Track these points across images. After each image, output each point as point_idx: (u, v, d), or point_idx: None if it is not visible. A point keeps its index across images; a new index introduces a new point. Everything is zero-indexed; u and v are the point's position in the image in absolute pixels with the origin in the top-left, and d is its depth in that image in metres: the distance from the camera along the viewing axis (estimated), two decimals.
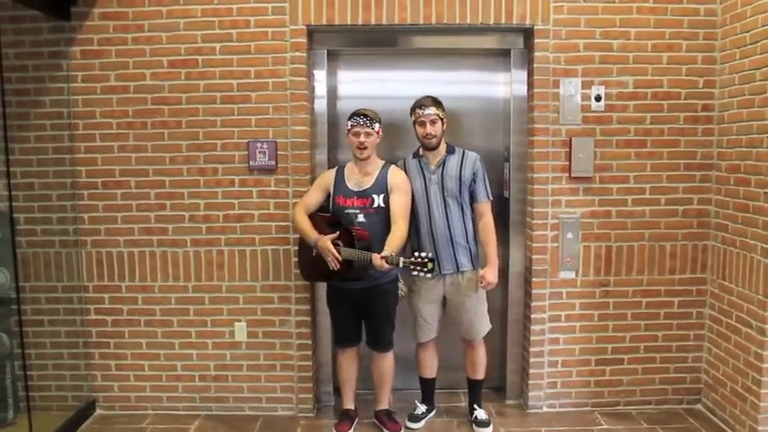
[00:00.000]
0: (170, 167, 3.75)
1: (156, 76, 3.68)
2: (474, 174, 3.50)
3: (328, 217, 3.45)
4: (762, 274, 3.27)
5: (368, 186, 3.41)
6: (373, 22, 3.63)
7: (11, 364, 3.59)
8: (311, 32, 3.74)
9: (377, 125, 3.40)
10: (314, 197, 3.50)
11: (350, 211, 3.39)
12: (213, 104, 3.70)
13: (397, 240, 3.26)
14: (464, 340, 3.68)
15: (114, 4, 3.64)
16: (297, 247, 3.66)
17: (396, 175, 3.44)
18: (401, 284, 3.58)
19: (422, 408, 3.79)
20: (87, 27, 3.66)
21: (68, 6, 3.62)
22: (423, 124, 3.44)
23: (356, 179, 3.44)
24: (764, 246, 3.25)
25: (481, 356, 3.69)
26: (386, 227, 3.35)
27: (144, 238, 3.79)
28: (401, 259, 3.16)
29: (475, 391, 3.77)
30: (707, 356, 3.85)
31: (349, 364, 3.68)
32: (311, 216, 3.45)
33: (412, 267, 3.17)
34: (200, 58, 3.67)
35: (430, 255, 3.19)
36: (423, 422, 3.75)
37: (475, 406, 3.74)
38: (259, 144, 3.70)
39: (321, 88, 3.87)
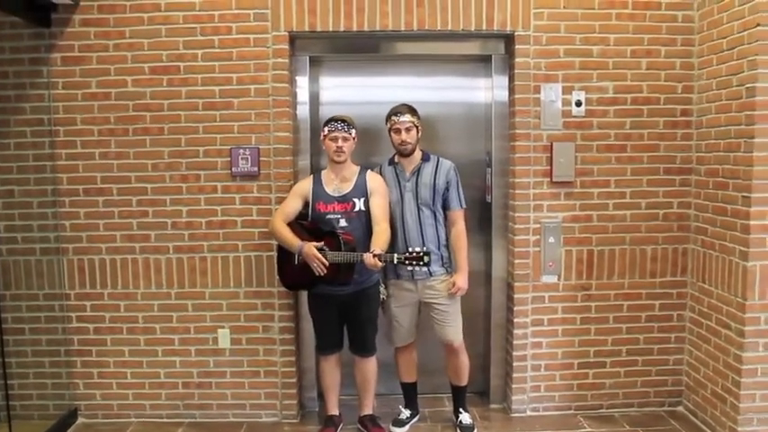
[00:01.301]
0: (152, 174, 3.73)
1: (137, 82, 3.68)
2: (448, 182, 3.52)
3: (308, 224, 3.45)
4: (740, 276, 3.31)
5: (348, 191, 3.43)
6: (355, 28, 3.65)
7: None
8: (293, 39, 3.75)
9: (353, 130, 3.44)
10: (292, 205, 3.48)
11: (331, 216, 3.40)
12: (195, 111, 3.69)
13: (384, 240, 3.29)
14: (445, 346, 3.69)
15: (95, 11, 3.63)
16: (276, 258, 3.64)
17: (374, 180, 3.48)
18: (382, 288, 3.59)
19: (406, 412, 3.79)
20: (68, 34, 3.64)
21: (49, 13, 3.61)
22: (398, 131, 3.47)
23: (335, 185, 3.45)
24: (743, 249, 3.29)
25: (463, 362, 3.70)
26: (367, 230, 3.38)
27: (126, 245, 3.78)
28: (395, 255, 3.21)
29: (459, 397, 3.78)
30: (688, 359, 3.89)
31: (332, 370, 3.68)
32: (290, 224, 3.43)
33: (407, 262, 3.22)
34: (181, 64, 3.67)
35: (425, 248, 3.26)
36: (407, 427, 3.76)
37: (460, 410, 3.75)
38: (241, 150, 3.70)
39: (303, 94, 3.88)
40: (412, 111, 3.50)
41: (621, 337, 3.89)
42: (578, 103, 3.73)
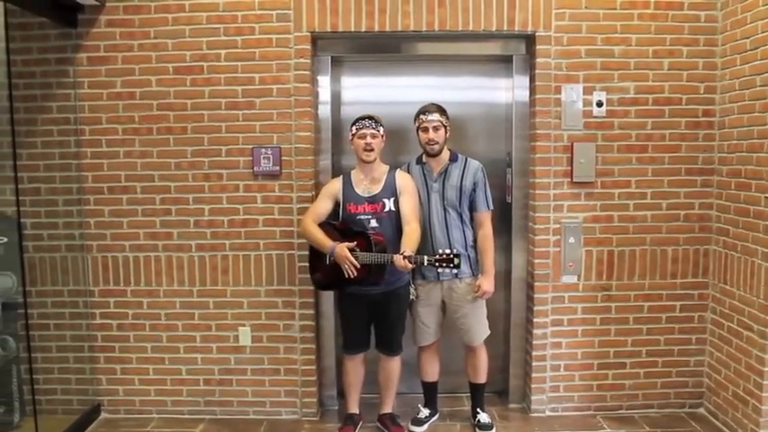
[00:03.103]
0: (175, 173, 3.78)
1: (161, 82, 3.72)
2: (475, 183, 3.53)
3: (339, 224, 3.46)
4: (762, 277, 3.29)
5: (377, 192, 3.44)
6: (377, 28, 3.67)
7: (17, 367, 3.61)
8: (315, 39, 3.77)
9: (381, 128, 3.45)
10: (323, 206, 3.49)
11: (362, 217, 3.41)
12: (218, 110, 3.73)
13: (414, 240, 3.30)
14: (465, 344, 3.70)
15: (121, 12, 3.68)
16: (308, 258, 3.63)
17: (403, 178, 3.49)
18: (412, 288, 3.60)
19: (425, 412, 3.80)
20: (94, 34, 3.70)
21: (75, 14, 3.67)
22: (426, 130, 3.47)
23: (364, 185, 3.46)
24: (765, 250, 3.27)
25: (482, 360, 3.71)
26: (397, 230, 3.40)
27: (149, 243, 3.82)
28: (425, 258, 3.21)
29: (477, 395, 3.78)
30: (709, 360, 3.87)
31: (358, 369, 3.69)
32: (321, 225, 3.44)
33: (438, 264, 3.23)
34: (205, 64, 3.71)
35: (455, 251, 3.26)
36: (426, 426, 3.77)
37: (478, 410, 3.76)
38: (263, 150, 3.73)
39: (325, 94, 3.91)
40: (441, 110, 3.50)
41: (642, 338, 3.88)
42: (599, 104, 3.73)
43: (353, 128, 3.44)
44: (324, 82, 3.90)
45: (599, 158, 3.76)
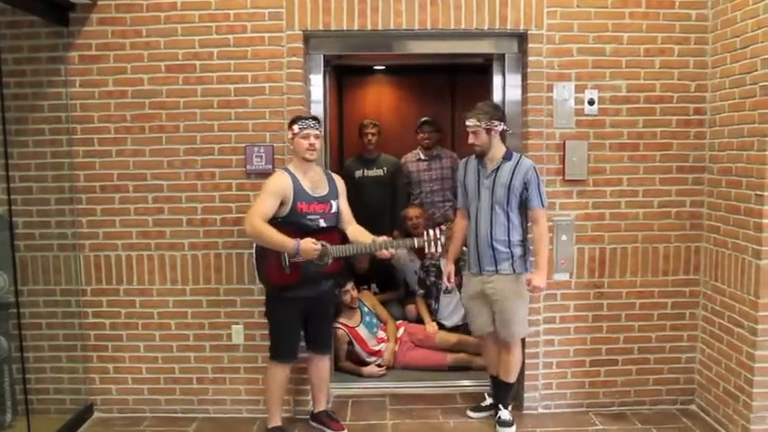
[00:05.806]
0: (168, 171, 3.77)
1: (153, 80, 3.71)
2: (526, 183, 3.45)
3: (292, 225, 3.34)
4: (753, 274, 3.31)
5: (326, 193, 3.44)
6: (369, 27, 3.67)
7: (9, 367, 3.60)
8: (308, 38, 3.77)
9: (321, 128, 3.45)
10: (271, 205, 3.29)
11: (312, 216, 3.37)
12: (210, 109, 3.73)
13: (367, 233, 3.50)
14: (499, 341, 3.66)
15: (113, 10, 3.67)
16: (256, 261, 3.44)
17: (341, 182, 3.59)
18: (448, 285, 3.82)
19: (489, 400, 3.88)
20: (86, 32, 3.69)
21: (67, 12, 3.65)
22: (468, 134, 3.49)
23: (309, 185, 3.40)
24: (756, 247, 3.29)
25: (514, 360, 3.66)
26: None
27: (142, 242, 3.82)
28: (415, 240, 3.42)
29: (501, 392, 3.76)
30: (700, 357, 3.89)
31: (286, 379, 3.60)
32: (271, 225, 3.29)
33: (426, 245, 3.39)
34: (197, 62, 3.70)
35: (439, 231, 3.42)
36: (483, 413, 3.85)
37: (500, 406, 3.74)
38: (256, 148, 3.73)
39: (317, 93, 3.91)
40: (483, 113, 3.45)
41: (633, 335, 3.90)
42: (591, 102, 3.74)
43: (295, 127, 3.34)
44: (316, 80, 3.90)
45: (591, 156, 3.77)
